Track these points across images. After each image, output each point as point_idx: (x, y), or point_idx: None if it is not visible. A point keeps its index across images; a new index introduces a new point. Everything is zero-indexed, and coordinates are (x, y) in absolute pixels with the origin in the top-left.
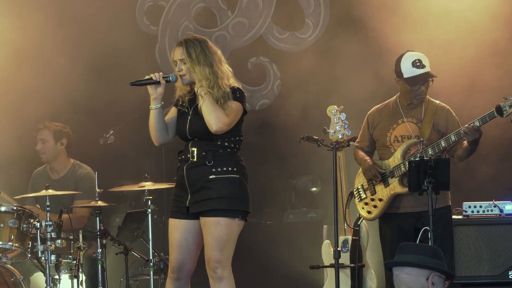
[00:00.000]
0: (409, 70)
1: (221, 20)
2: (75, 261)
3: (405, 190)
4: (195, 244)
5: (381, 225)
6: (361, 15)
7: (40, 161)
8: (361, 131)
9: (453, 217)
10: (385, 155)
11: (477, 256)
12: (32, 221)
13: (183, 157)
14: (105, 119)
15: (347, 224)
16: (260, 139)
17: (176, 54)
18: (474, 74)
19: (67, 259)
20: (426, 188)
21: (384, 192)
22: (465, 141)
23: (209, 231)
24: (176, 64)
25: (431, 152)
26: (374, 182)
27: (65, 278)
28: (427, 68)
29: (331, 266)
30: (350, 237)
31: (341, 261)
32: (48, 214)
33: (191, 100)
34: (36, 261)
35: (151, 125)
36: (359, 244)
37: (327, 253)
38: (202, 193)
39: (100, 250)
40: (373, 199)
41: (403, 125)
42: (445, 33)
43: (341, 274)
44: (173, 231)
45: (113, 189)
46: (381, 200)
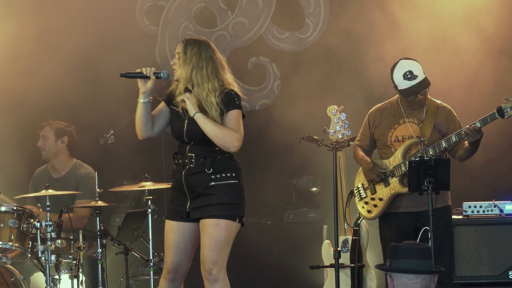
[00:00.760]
0: (401, 83)
1: (221, 20)
2: (75, 261)
3: (405, 190)
4: (192, 245)
5: (381, 225)
6: (361, 15)
7: (41, 161)
8: (361, 130)
9: (453, 217)
10: (385, 155)
11: (477, 256)
12: (32, 221)
13: (180, 161)
14: (105, 119)
15: (347, 223)
16: (260, 139)
17: (177, 48)
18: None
19: (67, 259)
20: (426, 188)
21: (384, 192)
22: (466, 142)
23: (208, 232)
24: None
25: (432, 153)
26: (375, 182)
27: (65, 278)
28: (420, 77)
29: (331, 266)
30: (350, 237)
31: (341, 261)
32: (48, 214)
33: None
34: (36, 261)
35: (137, 118)
36: (359, 244)
37: (327, 253)
38: (202, 199)
39: (100, 250)
40: (373, 199)
41: (404, 125)
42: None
43: (341, 274)
44: (170, 232)
45: (113, 189)
46: (381, 199)
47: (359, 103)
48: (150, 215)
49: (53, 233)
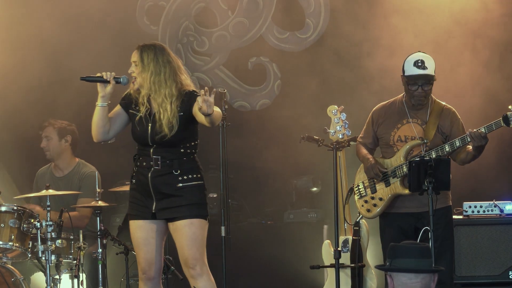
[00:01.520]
0: (409, 69)
1: (221, 20)
2: (75, 261)
3: (406, 191)
4: (161, 240)
5: (382, 225)
6: (361, 15)
7: (44, 160)
8: (364, 127)
9: (454, 217)
10: (387, 154)
11: (478, 256)
12: (32, 221)
13: (144, 164)
14: None
15: (346, 222)
16: (260, 139)
17: (132, 56)
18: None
19: (67, 259)
20: (426, 188)
21: (385, 192)
22: (469, 146)
23: (183, 232)
24: (132, 65)
25: (434, 156)
26: (375, 180)
27: (65, 278)
28: (429, 70)
29: (331, 266)
30: (350, 237)
31: (341, 261)
32: (49, 214)
33: (141, 103)
34: (36, 261)
35: (94, 121)
36: (359, 244)
37: (327, 253)
38: (170, 201)
39: (100, 250)
40: (373, 198)
41: (407, 125)
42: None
43: (342, 274)
44: (138, 231)
45: (114, 189)
46: (381, 199)
47: (359, 103)
48: None
49: (53, 233)
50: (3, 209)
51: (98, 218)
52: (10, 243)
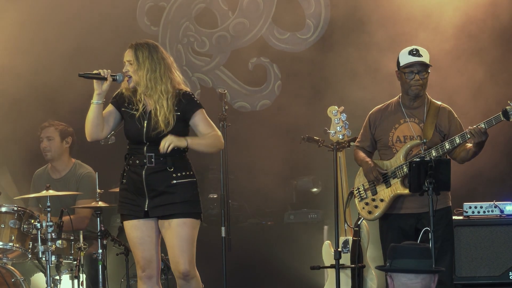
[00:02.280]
0: (405, 58)
1: (221, 21)
2: (75, 262)
3: (407, 191)
4: (156, 238)
5: (382, 226)
6: (361, 16)
7: (41, 161)
8: (362, 131)
9: (454, 217)
10: (386, 155)
11: (478, 256)
12: (32, 221)
13: (137, 161)
14: None
15: (347, 224)
16: (261, 139)
17: (126, 55)
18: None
19: (67, 260)
20: (426, 189)
21: (386, 193)
22: (468, 144)
23: (175, 232)
24: (125, 64)
25: (434, 154)
26: (376, 183)
27: (65, 279)
28: (424, 58)
29: (331, 266)
30: (350, 238)
31: (341, 261)
32: (49, 214)
33: (138, 100)
34: (36, 261)
35: (88, 119)
36: (359, 245)
37: (327, 254)
38: (163, 198)
39: (100, 251)
40: (374, 199)
41: (405, 124)
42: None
43: (342, 274)
44: (133, 230)
45: (114, 190)
46: (382, 200)
47: (359, 104)
48: None
49: (53, 234)
50: (3, 209)
51: (98, 218)
52: (10, 244)
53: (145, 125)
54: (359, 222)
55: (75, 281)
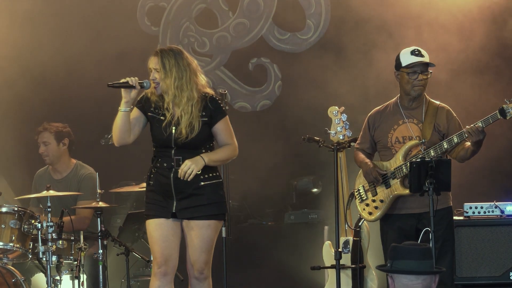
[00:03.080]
0: (407, 58)
1: (222, 21)
2: (76, 262)
3: (407, 192)
4: (178, 239)
5: (382, 226)
6: (362, 16)
7: (41, 161)
8: (361, 133)
9: (454, 218)
10: (386, 157)
11: (478, 257)
12: (33, 222)
13: (165, 164)
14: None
15: (348, 225)
16: (261, 140)
17: (151, 62)
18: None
19: (68, 260)
20: (427, 189)
21: (386, 194)
22: (467, 143)
23: (199, 233)
24: (151, 71)
25: (433, 154)
26: (375, 184)
27: (66, 279)
28: (426, 58)
29: (332, 267)
30: (351, 238)
31: (342, 262)
32: (49, 214)
33: (166, 108)
34: (37, 262)
35: (116, 126)
36: (360, 245)
37: (328, 254)
38: (191, 200)
39: (101, 251)
40: (374, 200)
41: (404, 125)
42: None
43: (342, 275)
44: (157, 229)
45: (114, 190)
46: (382, 201)
47: (360, 104)
48: None
49: (54, 234)
50: (4, 210)
51: (98, 219)
52: (10, 244)
53: (173, 131)
54: (359, 223)
55: (76, 281)
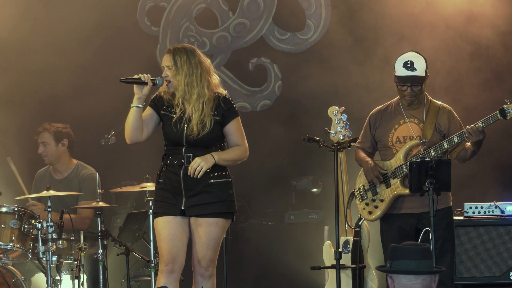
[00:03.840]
0: (399, 70)
1: (222, 21)
2: (76, 262)
3: (407, 191)
4: (186, 238)
5: (382, 226)
6: (362, 16)
7: (42, 161)
8: (362, 132)
9: (454, 218)
10: (386, 156)
11: (478, 257)
12: (33, 222)
13: (175, 162)
14: (106, 120)
15: (348, 225)
16: (261, 140)
17: (164, 60)
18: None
19: (68, 260)
20: (427, 189)
21: (386, 193)
22: (468, 143)
23: (207, 231)
24: (164, 69)
25: (433, 154)
26: (375, 183)
27: (66, 279)
28: (418, 72)
29: (332, 267)
30: (351, 238)
31: (342, 262)
32: (49, 214)
33: (176, 104)
34: (37, 261)
35: (128, 122)
36: (360, 245)
37: (328, 254)
38: (201, 197)
39: (101, 251)
40: (374, 200)
41: (404, 125)
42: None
43: (342, 275)
44: (166, 226)
45: (114, 190)
46: (382, 201)
47: (360, 104)
48: (151, 216)
49: (54, 234)
50: (4, 210)
51: (99, 219)
52: (11, 244)
53: (185, 128)
54: (360, 223)
55: (76, 281)
